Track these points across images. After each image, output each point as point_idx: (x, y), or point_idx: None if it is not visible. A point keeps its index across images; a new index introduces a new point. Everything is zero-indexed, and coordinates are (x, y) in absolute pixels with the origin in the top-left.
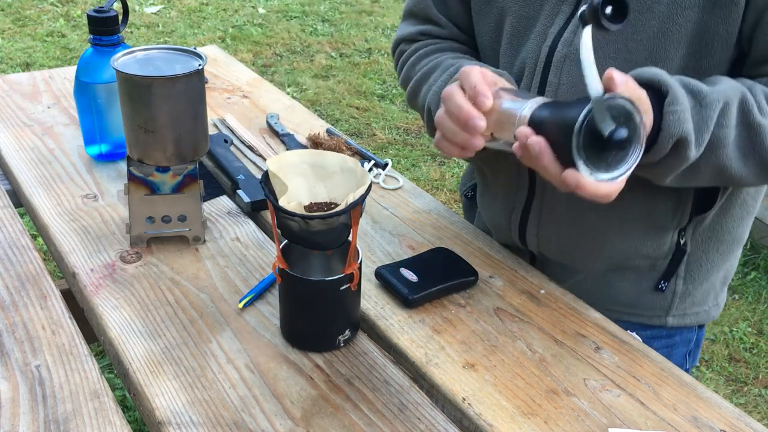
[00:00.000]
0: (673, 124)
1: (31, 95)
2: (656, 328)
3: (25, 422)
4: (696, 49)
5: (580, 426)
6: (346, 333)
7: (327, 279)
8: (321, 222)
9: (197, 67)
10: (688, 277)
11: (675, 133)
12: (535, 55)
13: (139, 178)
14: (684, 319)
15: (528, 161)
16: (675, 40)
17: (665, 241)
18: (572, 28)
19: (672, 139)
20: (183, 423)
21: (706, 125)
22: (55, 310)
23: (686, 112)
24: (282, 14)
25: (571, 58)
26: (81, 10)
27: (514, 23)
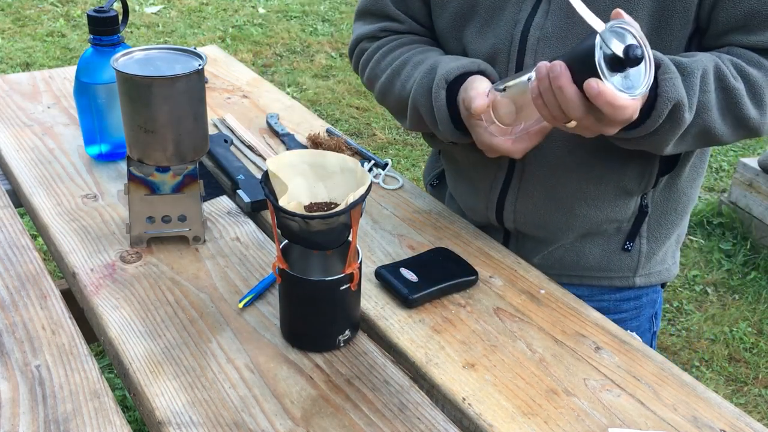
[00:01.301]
0: (669, 89)
1: (31, 95)
2: (625, 289)
3: (25, 422)
4: (656, 25)
5: (580, 426)
6: (346, 333)
7: (327, 279)
8: (321, 222)
9: (197, 67)
10: (651, 237)
11: (672, 98)
12: (507, 40)
13: (139, 178)
14: (649, 278)
15: (547, 94)
16: (638, 18)
17: (630, 204)
18: (541, 13)
19: (670, 103)
20: (183, 423)
21: (692, 90)
22: (55, 310)
23: (677, 79)
24: (282, 14)
25: (545, 41)
26: (81, 10)
27: (481, 12)
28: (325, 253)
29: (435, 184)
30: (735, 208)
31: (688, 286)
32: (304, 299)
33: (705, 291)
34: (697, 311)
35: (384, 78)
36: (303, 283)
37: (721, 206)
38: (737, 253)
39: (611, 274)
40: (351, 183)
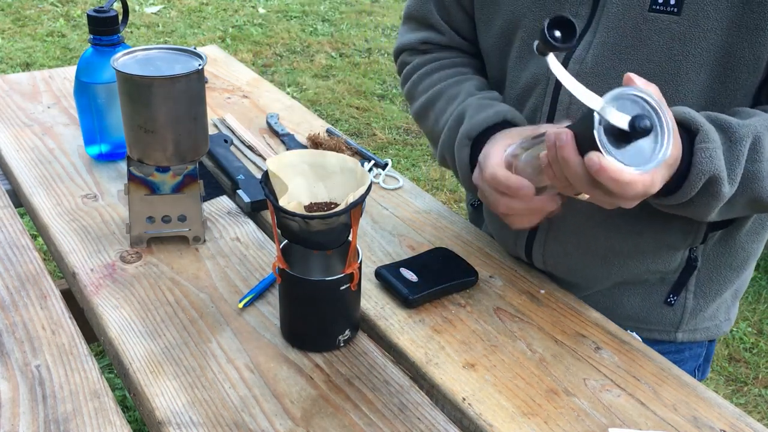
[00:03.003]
0: (704, 161)
1: (31, 95)
2: (665, 343)
3: (25, 422)
4: (719, 73)
5: (580, 426)
6: (346, 333)
7: (327, 279)
8: (321, 222)
9: (197, 67)
10: (699, 292)
11: (706, 171)
12: (546, 71)
13: (139, 178)
14: (694, 334)
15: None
16: (696, 63)
17: (676, 257)
18: (584, 45)
19: (703, 176)
20: (183, 423)
21: (737, 161)
22: (55, 310)
23: (717, 149)
24: (282, 14)
25: (583, 77)
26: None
27: (524, 36)
28: (325, 253)
29: (476, 205)
30: None
31: None
32: (304, 299)
33: None
34: None
35: (418, 105)
36: (303, 283)
37: None
38: None
39: (651, 327)
40: (351, 183)
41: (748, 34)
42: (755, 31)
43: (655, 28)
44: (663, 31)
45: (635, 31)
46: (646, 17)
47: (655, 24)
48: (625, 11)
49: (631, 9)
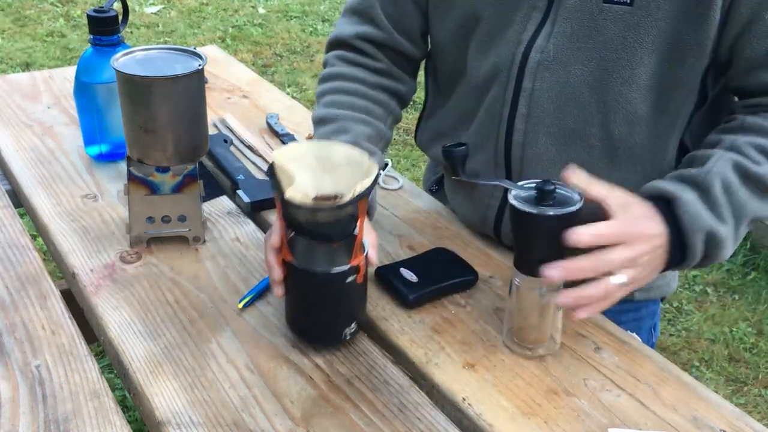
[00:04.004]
0: (691, 221)
1: (31, 95)
2: (624, 302)
3: (25, 422)
4: (669, 57)
5: (580, 426)
6: (352, 326)
7: (332, 271)
8: (328, 213)
9: (197, 67)
10: None
11: (698, 228)
12: (509, 60)
13: (139, 178)
14: (649, 293)
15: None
16: (648, 48)
17: None
18: (544, 35)
19: (700, 233)
20: (183, 423)
21: (718, 203)
22: (55, 310)
23: (697, 204)
24: (282, 14)
25: (545, 65)
26: (81, 10)
27: (485, 27)
28: (332, 246)
29: (435, 190)
30: None
31: (688, 286)
32: (309, 292)
33: (705, 291)
34: (697, 311)
35: (316, 114)
36: (308, 275)
37: None
38: (737, 253)
39: None
40: (357, 175)
41: (695, 23)
42: (700, 19)
43: (610, 18)
44: (617, 20)
45: (592, 20)
46: (601, 8)
47: (609, 14)
48: (581, 3)
49: (587, 1)
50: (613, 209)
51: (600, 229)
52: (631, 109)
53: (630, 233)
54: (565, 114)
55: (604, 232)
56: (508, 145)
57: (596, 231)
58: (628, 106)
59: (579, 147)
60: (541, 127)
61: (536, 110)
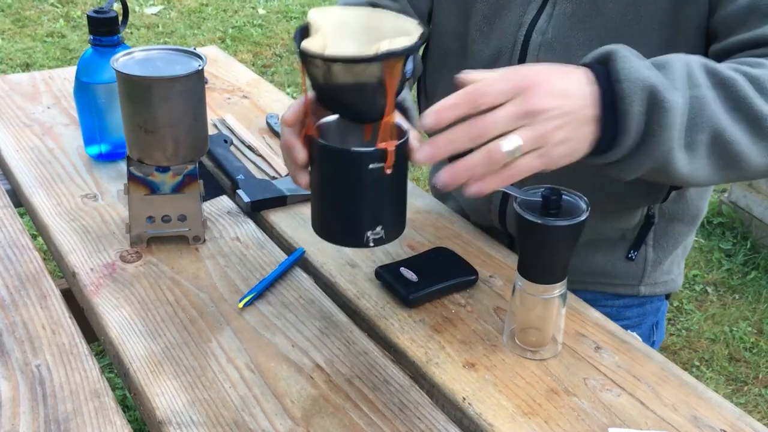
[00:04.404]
0: (628, 70)
1: (31, 95)
2: (629, 297)
3: (25, 422)
4: (668, 35)
5: (580, 426)
6: (377, 230)
7: (351, 150)
8: (346, 73)
9: (197, 67)
10: (657, 246)
11: (636, 77)
12: (510, 43)
13: (139, 178)
14: (654, 288)
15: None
16: (648, 27)
17: (636, 214)
18: (545, 17)
19: (637, 85)
20: (183, 423)
21: (675, 79)
22: (55, 309)
23: (640, 59)
24: (282, 15)
25: (546, 46)
26: (81, 10)
27: (484, 9)
28: (362, 132)
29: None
30: (735, 208)
31: (689, 286)
32: (326, 174)
33: (705, 290)
34: (698, 311)
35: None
36: (326, 152)
37: (722, 206)
38: (737, 252)
39: (616, 281)
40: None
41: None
42: None
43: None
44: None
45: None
46: None
47: None
48: None
49: None
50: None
51: (448, 100)
52: None
53: (514, 86)
54: None
55: (453, 102)
56: None
57: (438, 106)
58: None
59: None
60: None
61: None
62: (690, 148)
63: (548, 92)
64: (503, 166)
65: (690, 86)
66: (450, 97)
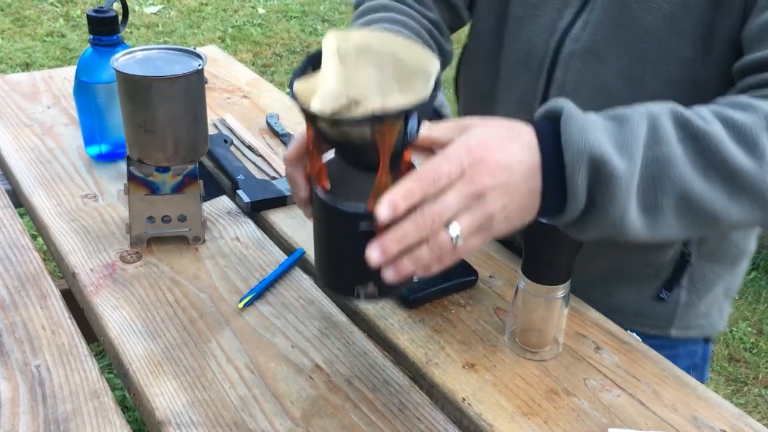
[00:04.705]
0: (573, 135)
1: (30, 95)
2: (659, 338)
3: (24, 422)
4: (703, 48)
5: (580, 426)
6: (368, 287)
7: (340, 206)
8: (331, 127)
9: (197, 67)
10: (692, 288)
11: (580, 145)
12: (542, 48)
13: (139, 178)
14: (687, 331)
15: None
16: (684, 40)
17: (669, 251)
18: (581, 24)
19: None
20: (183, 423)
21: (632, 137)
22: (54, 310)
23: (589, 123)
24: (282, 14)
25: (578, 56)
26: (81, 10)
27: (518, 10)
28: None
29: None
30: None
31: None
32: (319, 222)
33: None
34: None
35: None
36: (318, 201)
37: None
38: None
39: (644, 321)
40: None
41: (728, 12)
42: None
43: (646, 7)
44: (654, 10)
45: (628, 10)
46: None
47: (646, 3)
48: None
49: None
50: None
51: (402, 188)
52: None
53: (459, 166)
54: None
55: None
56: None
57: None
58: None
59: None
60: None
61: None
62: (650, 212)
63: (491, 168)
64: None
65: (652, 143)
66: (404, 184)
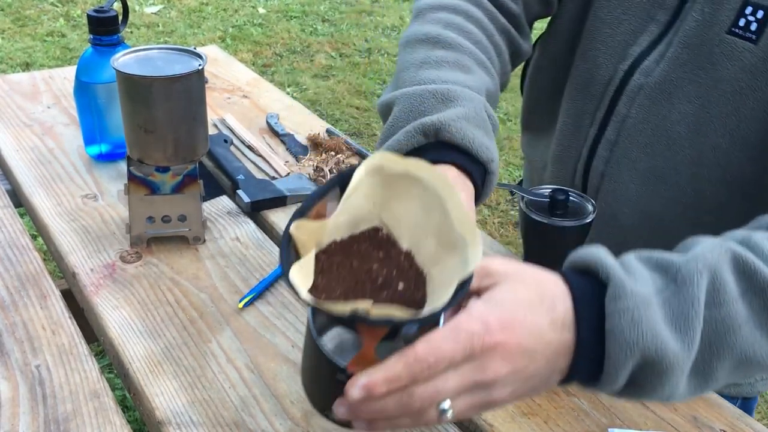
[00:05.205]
0: (624, 328)
1: (31, 95)
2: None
3: (25, 422)
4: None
5: (580, 426)
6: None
7: (322, 349)
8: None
9: (197, 67)
10: None
11: (631, 343)
12: (608, 74)
13: (139, 178)
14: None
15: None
16: (762, 100)
17: None
18: (655, 56)
19: (633, 353)
20: (183, 423)
21: (692, 307)
22: (55, 310)
23: (643, 306)
24: (282, 14)
25: (647, 92)
26: (81, 10)
27: (592, 20)
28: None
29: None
30: None
31: None
32: (305, 343)
33: None
34: None
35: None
36: (308, 330)
37: None
38: None
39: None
40: (433, 218)
41: None
42: None
43: (728, 53)
44: (735, 57)
45: (708, 51)
46: (722, 39)
47: (729, 48)
48: (704, 27)
49: (711, 26)
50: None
51: (387, 372)
52: (730, 169)
53: (467, 351)
54: (656, 152)
55: (394, 374)
56: (587, 168)
57: (373, 379)
58: (726, 164)
59: (662, 195)
60: (625, 160)
61: (625, 140)
62: (699, 376)
63: (510, 354)
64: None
65: (712, 304)
66: (391, 366)
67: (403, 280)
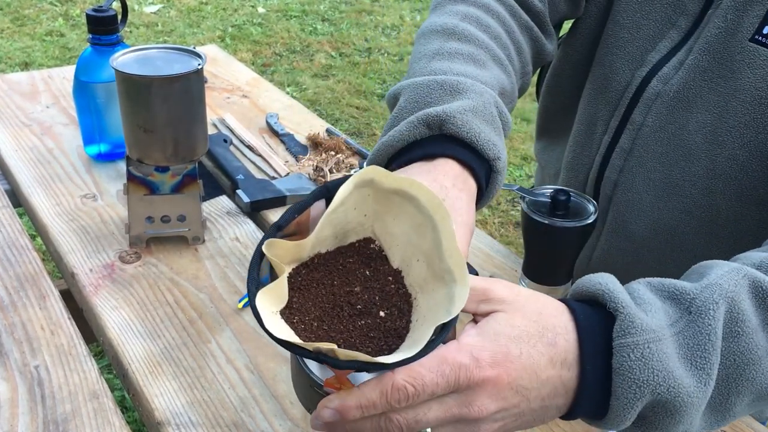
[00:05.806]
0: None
1: (30, 95)
2: None
3: (24, 423)
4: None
5: (580, 426)
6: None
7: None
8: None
9: (196, 66)
10: None
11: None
12: (625, 80)
13: (138, 177)
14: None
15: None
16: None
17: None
18: (674, 63)
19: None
20: (182, 423)
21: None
22: (54, 310)
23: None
24: (282, 14)
25: (665, 99)
26: (80, 9)
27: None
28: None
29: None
30: None
31: None
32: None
33: None
34: None
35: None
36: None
37: None
38: None
39: None
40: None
41: None
42: None
43: (749, 61)
44: (757, 66)
45: (730, 59)
46: (745, 47)
47: (751, 56)
48: (727, 34)
49: (734, 33)
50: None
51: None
52: (746, 182)
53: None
54: (671, 163)
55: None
56: (599, 177)
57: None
58: (742, 177)
59: (676, 207)
60: (640, 170)
61: (640, 149)
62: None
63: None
64: None
65: (729, 336)
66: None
67: (386, 307)
